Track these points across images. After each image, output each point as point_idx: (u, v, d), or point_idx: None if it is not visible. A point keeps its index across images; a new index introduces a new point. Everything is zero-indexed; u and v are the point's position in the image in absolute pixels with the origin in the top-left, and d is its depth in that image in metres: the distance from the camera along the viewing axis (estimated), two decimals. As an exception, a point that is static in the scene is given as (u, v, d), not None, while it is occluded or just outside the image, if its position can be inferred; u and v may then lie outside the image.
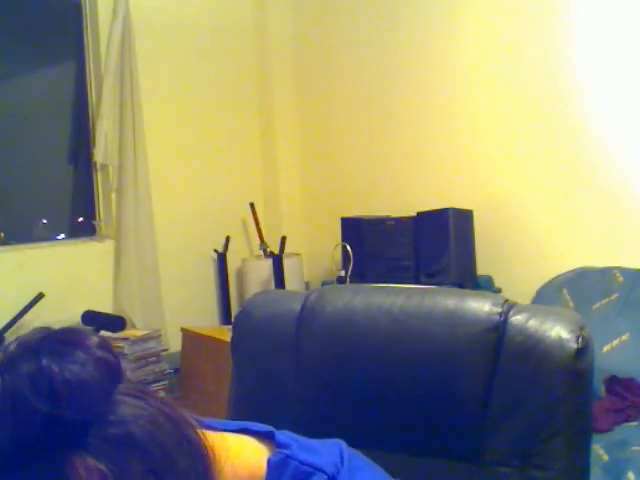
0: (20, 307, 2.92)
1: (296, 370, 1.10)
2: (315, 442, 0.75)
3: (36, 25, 3.39)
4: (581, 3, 2.94)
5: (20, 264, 3.09)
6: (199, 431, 0.63)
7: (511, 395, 0.97)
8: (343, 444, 0.76)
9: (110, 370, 0.58)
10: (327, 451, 0.73)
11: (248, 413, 1.11)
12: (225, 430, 0.72)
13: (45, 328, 0.60)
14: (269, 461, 0.70)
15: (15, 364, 0.55)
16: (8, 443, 0.53)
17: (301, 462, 0.70)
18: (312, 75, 3.96)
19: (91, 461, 0.54)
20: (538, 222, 3.11)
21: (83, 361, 0.56)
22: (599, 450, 2.06)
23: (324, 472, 0.70)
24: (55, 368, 0.55)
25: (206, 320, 3.64)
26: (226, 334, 2.99)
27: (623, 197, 2.88)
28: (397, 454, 1.03)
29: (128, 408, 0.58)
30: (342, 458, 0.72)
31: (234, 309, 3.67)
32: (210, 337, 3.17)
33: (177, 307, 3.50)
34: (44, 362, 0.55)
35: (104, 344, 0.60)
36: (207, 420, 0.71)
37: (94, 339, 0.59)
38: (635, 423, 2.26)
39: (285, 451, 0.71)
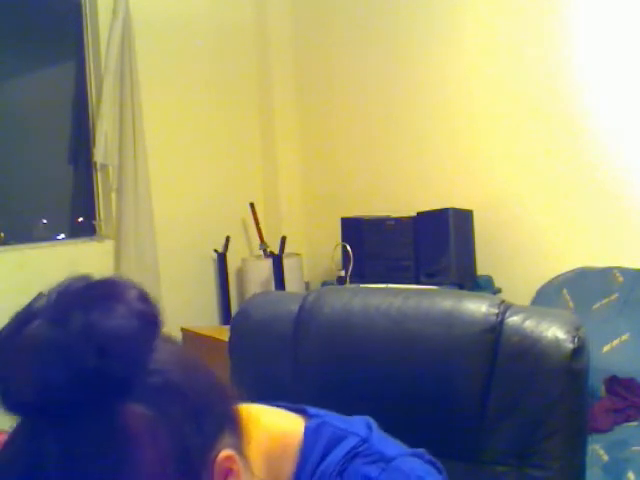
0: (20, 307, 2.91)
1: (294, 371, 1.10)
2: (345, 417, 0.82)
3: (36, 25, 3.39)
4: (581, 3, 2.94)
5: (20, 264, 3.09)
6: (228, 385, 0.69)
7: (508, 395, 0.97)
8: (372, 421, 0.81)
9: (151, 321, 0.63)
10: (358, 420, 0.80)
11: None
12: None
13: (83, 277, 0.64)
14: (307, 427, 0.76)
15: (65, 317, 0.59)
16: (62, 391, 0.57)
17: (336, 427, 0.77)
18: (312, 75, 3.96)
19: (137, 407, 0.59)
20: (538, 222, 3.11)
21: (127, 315, 0.60)
22: (599, 450, 2.05)
23: (357, 434, 0.76)
24: (103, 323, 0.59)
25: (206, 320, 3.64)
26: (226, 334, 2.97)
27: (623, 197, 2.88)
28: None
29: (166, 355, 0.63)
30: (370, 426, 0.79)
31: (234, 309, 3.67)
32: (210, 337, 3.17)
33: (177, 307, 3.50)
34: (93, 317, 0.59)
35: (143, 295, 0.64)
36: None
37: (134, 291, 0.63)
38: (635, 423, 2.25)
39: (322, 418, 0.78)
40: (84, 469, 0.57)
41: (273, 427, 0.76)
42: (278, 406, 0.80)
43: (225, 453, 0.63)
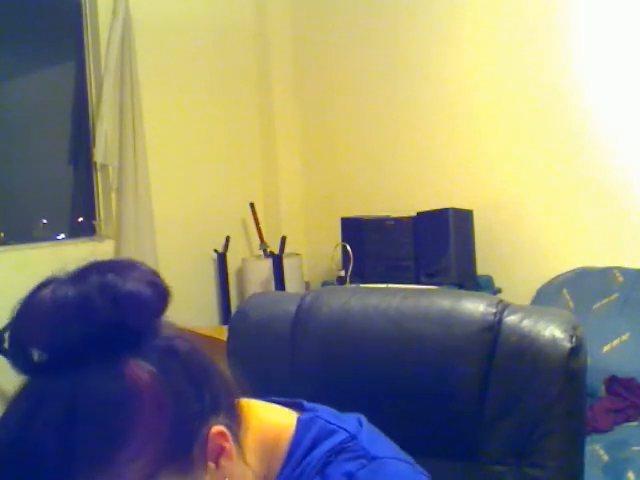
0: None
1: (292, 371, 1.10)
2: (338, 413, 0.83)
3: (36, 25, 3.39)
4: (581, 3, 2.93)
5: (20, 264, 3.09)
6: (227, 373, 0.73)
7: (506, 394, 0.97)
8: (362, 417, 0.83)
9: (161, 291, 0.68)
10: (349, 417, 0.82)
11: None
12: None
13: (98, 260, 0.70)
14: (299, 419, 0.79)
15: (84, 277, 0.65)
16: (77, 341, 0.61)
17: (327, 421, 0.79)
18: (312, 75, 3.96)
19: (142, 362, 0.63)
20: (538, 222, 3.11)
21: (140, 280, 0.66)
22: (599, 450, 2.05)
23: (346, 430, 0.78)
24: (119, 282, 0.64)
25: (206, 320, 3.64)
26: (226, 334, 2.99)
27: (623, 197, 2.88)
28: (393, 454, 1.03)
29: (173, 329, 0.69)
30: (361, 423, 0.81)
31: (234, 309, 3.66)
32: (210, 337, 3.16)
33: (177, 307, 3.48)
34: (109, 276, 0.65)
35: (155, 273, 0.69)
36: None
37: (147, 267, 0.69)
38: (635, 423, 2.25)
39: (315, 412, 0.80)
40: (88, 421, 0.60)
41: (268, 420, 0.78)
42: (275, 401, 0.83)
43: (219, 428, 0.66)
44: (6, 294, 3.05)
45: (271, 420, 0.79)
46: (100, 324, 0.62)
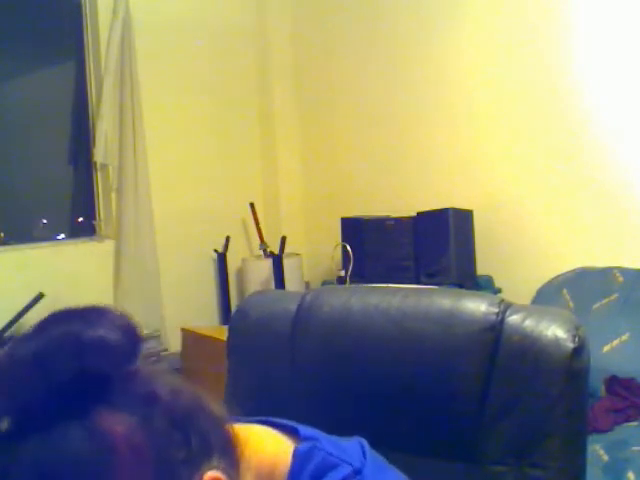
0: (20, 307, 2.92)
1: (292, 371, 1.09)
2: (338, 439, 0.76)
3: (36, 25, 3.39)
4: (581, 3, 2.93)
5: (20, 264, 3.09)
6: (220, 409, 0.66)
7: (508, 394, 0.97)
8: (365, 443, 0.77)
9: (132, 336, 0.61)
10: (351, 446, 0.75)
11: (243, 413, 1.10)
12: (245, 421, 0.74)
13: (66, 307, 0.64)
14: (296, 450, 0.71)
15: (45, 329, 0.58)
16: (41, 400, 0.55)
17: (328, 453, 0.71)
18: (312, 75, 3.96)
19: (117, 413, 0.57)
20: (538, 222, 3.11)
21: (107, 325, 0.59)
22: (599, 450, 2.05)
23: (350, 464, 0.71)
24: (84, 328, 0.58)
25: (206, 320, 3.64)
26: (226, 334, 2.98)
27: (623, 197, 2.88)
28: (394, 453, 1.02)
29: (151, 374, 0.62)
30: (365, 454, 0.74)
31: (234, 309, 3.66)
32: (210, 337, 3.17)
33: (177, 307, 3.50)
34: (72, 325, 0.58)
35: (125, 316, 0.63)
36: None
37: (119, 312, 0.63)
38: (635, 423, 2.25)
39: (314, 442, 0.72)
40: None
41: (262, 449, 0.70)
42: (269, 423, 0.75)
43: (213, 474, 0.60)
44: (6, 294, 3.05)
45: (266, 450, 0.71)
46: (65, 377, 0.55)
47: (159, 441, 0.58)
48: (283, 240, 3.65)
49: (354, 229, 3.35)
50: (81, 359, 0.56)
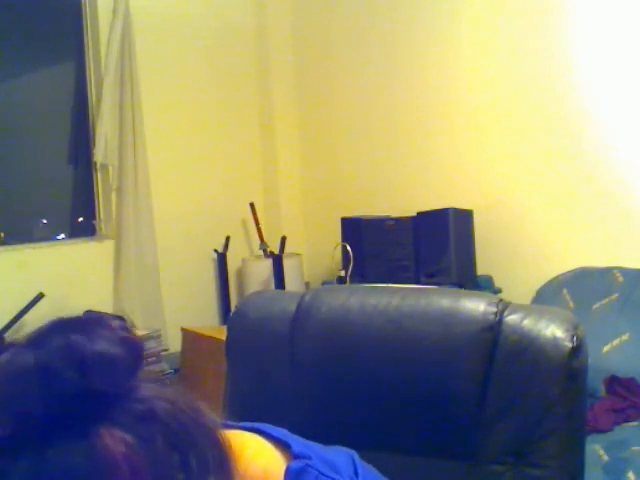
0: (20, 307, 2.92)
1: (291, 371, 1.09)
2: (329, 452, 0.76)
3: (36, 25, 3.39)
4: (581, 3, 2.93)
5: (20, 264, 3.09)
6: (216, 422, 0.64)
7: (506, 394, 0.97)
8: (355, 455, 0.77)
9: (134, 350, 0.60)
10: (342, 463, 0.74)
11: (243, 413, 1.10)
12: (238, 428, 0.73)
13: (65, 317, 0.62)
14: (289, 468, 0.70)
15: (45, 340, 0.57)
16: (40, 414, 0.54)
17: (321, 473, 0.70)
18: (312, 75, 3.96)
19: (117, 432, 0.55)
20: (538, 222, 3.11)
21: (109, 339, 0.58)
22: (599, 450, 2.05)
23: None
24: (85, 343, 0.57)
25: (206, 320, 3.64)
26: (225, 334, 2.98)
27: (623, 197, 2.88)
28: (393, 453, 1.03)
29: (150, 390, 0.60)
30: (356, 470, 0.73)
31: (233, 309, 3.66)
32: (210, 337, 3.17)
33: (177, 307, 3.50)
34: (73, 337, 0.57)
35: (126, 328, 0.62)
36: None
37: (117, 322, 0.62)
38: (635, 423, 2.25)
39: (306, 460, 0.71)
40: None
41: (255, 463, 0.70)
42: (263, 433, 0.74)
43: None
44: (6, 294, 3.05)
45: (259, 465, 0.70)
46: (64, 392, 0.54)
47: (159, 462, 0.57)
48: (283, 240, 3.64)
49: (354, 229, 3.35)
50: (83, 376, 0.55)
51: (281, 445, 0.73)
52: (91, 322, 0.61)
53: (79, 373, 0.55)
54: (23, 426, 0.54)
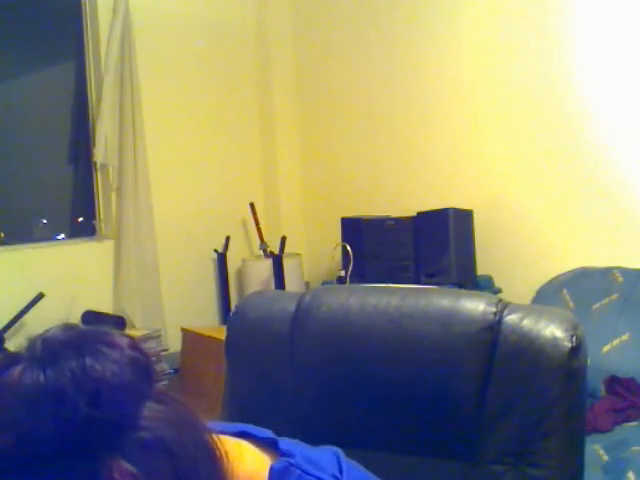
0: (20, 307, 2.92)
1: (291, 370, 1.09)
2: (314, 451, 0.76)
3: (36, 25, 3.39)
4: (581, 3, 2.93)
5: (20, 264, 3.09)
6: (214, 436, 0.63)
7: (506, 394, 0.97)
8: (340, 454, 0.76)
9: (144, 370, 0.59)
10: (327, 462, 0.74)
11: (242, 414, 1.11)
12: (224, 433, 0.72)
13: (72, 325, 0.61)
14: (272, 468, 0.70)
15: (58, 360, 0.55)
16: (47, 439, 0.53)
17: (304, 471, 0.70)
18: (312, 75, 3.96)
19: (124, 464, 0.54)
20: (538, 222, 3.11)
21: (121, 362, 0.57)
22: (599, 450, 2.05)
23: None
24: (98, 368, 0.55)
25: (206, 320, 3.64)
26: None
27: (623, 197, 2.88)
28: (393, 453, 1.03)
29: (156, 412, 0.58)
30: (341, 469, 0.73)
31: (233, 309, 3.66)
32: (210, 337, 3.17)
33: (177, 307, 3.50)
34: (87, 361, 0.55)
35: (136, 345, 0.61)
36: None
37: (126, 339, 0.61)
38: (635, 423, 2.25)
39: (289, 459, 0.71)
40: None
41: (241, 467, 0.69)
42: (249, 435, 0.74)
43: None
44: (6, 294, 3.05)
45: (245, 468, 0.69)
46: (74, 420, 0.53)
47: None
48: (283, 240, 3.64)
49: (354, 229, 3.35)
50: (95, 406, 0.54)
51: (267, 445, 0.73)
52: (102, 339, 0.59)
53: (91, 402, 0.54)
54: (29, 448, 0.53)
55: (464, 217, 3.13)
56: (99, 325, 0.63)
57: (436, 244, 3.09)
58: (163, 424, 0.58)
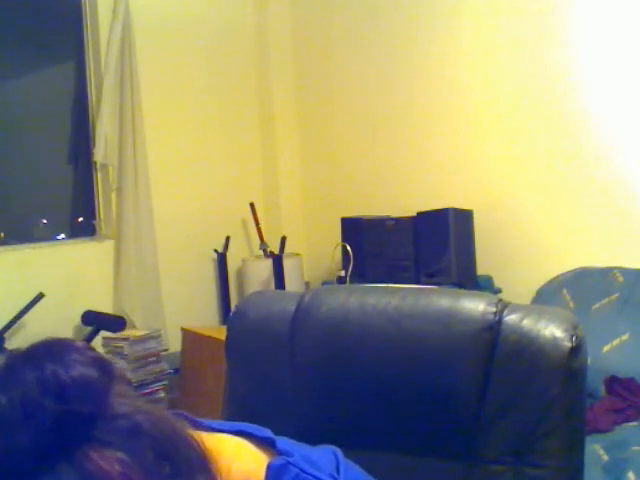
0: (20, 307, 2.92)
1: (291, 371, 1.09)
2: (313, 451, 0.76)
3: (36, 25, 3.39)
4: (581, 3, 2.93)
5: (20, 264, 3.09)
6: (187, 429, 0.63)
7: (506, 394, 0.97)
8: (338, 453, 0.76)
9: (106, 369, 0.60)
10: (325, 461, 0.74)
11: (242, 414, 1.10)
12: (222, 431, 0.72)
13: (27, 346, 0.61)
14: (269, 466, 0.70)
15: (19, 374, 0.56)
16: (26, 449, 0.53)
17: (302, 470, 0.70)
18: (312, 75, 3.96)
19: (107, 452, 0.55)
20: (538, 222, 3.11)
21: (82, 362, 0.58)
22: (599, 450, 2.05)
23: None
24: (59, 369, 0.56)
25: (206, 320, 3.64)
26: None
27: (623, 197, 2.88)
28: (393, 453, 1.03)
29: (126, 405, 0.59)
30: (338, 469, 0.73)
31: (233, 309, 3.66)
32: (210, 337, 3.17)
33: (177, 307, 3.50)
34: (47, 366, 0.56)
35: (91, 348, 0.62)
36: (204, 421, 0.72)
37: (82, 344, 0.62)
38: (635, 423, 2.25)
39: (287, 458, 0.71)
40: None
41: (237, 465, 0.69)
42: (246, 434, 0.74)
43: None
44: (6, 294, 3.05)
45: (241, 466, 0.69)
46: (48, 424, 0.53)
47: (153, 474, 0.57)
48: (283, 240, 3.65)
49: (354, 229, 3.35)
50: (63, 401, 0.54)
51: (265, 444, 0.73)
52: (59, 348, 0.60)
53: (58, 398, 0.54)
54: (10, 461, 0.53)
55: (464, 217, 3.13)
56: (96, 325, 0.63)
57: (436, 244, 3.10)
58: (136, 411, 0.59)
